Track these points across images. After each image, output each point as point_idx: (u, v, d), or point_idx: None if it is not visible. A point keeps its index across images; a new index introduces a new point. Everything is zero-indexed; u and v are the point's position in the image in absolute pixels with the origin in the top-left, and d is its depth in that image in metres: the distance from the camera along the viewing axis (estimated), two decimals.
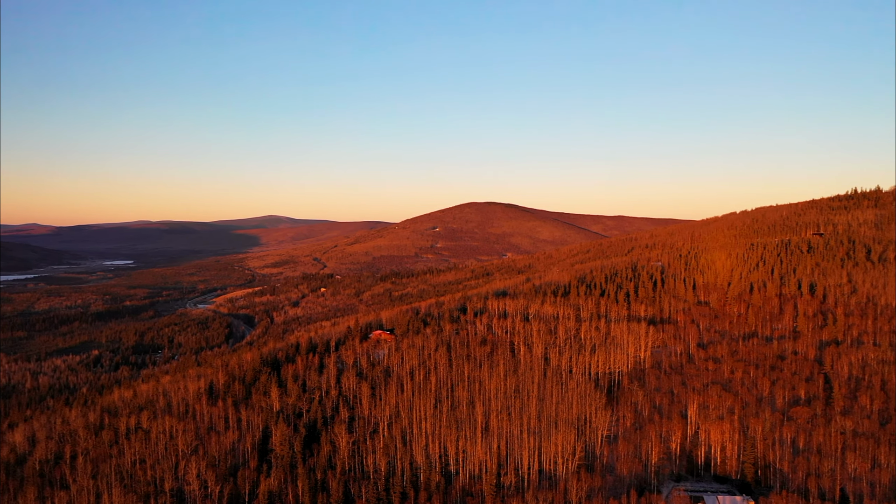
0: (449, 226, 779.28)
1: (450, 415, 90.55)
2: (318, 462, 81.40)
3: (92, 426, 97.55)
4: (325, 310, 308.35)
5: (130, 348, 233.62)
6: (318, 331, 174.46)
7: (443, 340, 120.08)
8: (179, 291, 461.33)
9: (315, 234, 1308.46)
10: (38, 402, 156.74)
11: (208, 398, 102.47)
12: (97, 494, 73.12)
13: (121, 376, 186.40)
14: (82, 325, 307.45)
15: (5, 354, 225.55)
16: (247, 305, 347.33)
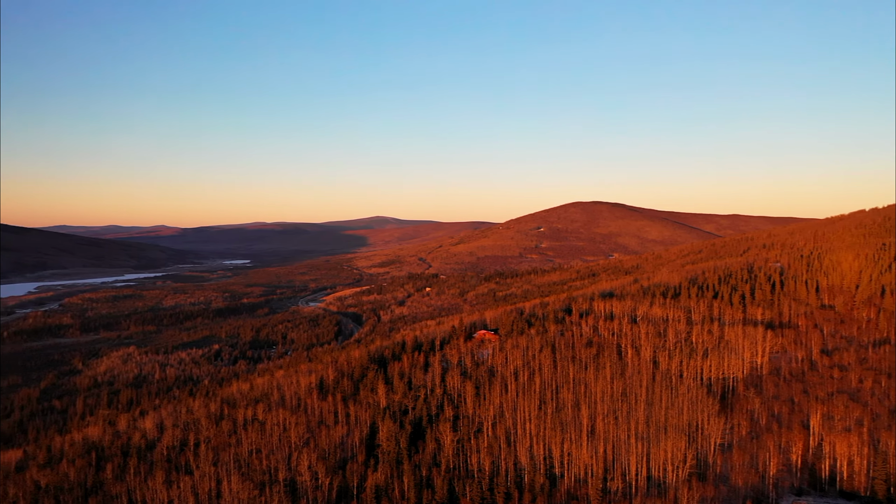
0: (553, 226, 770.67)
1: (554, 416, 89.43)
2: (423, 459, 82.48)
3: (213, 416, 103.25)
4: (429, 309, 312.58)
5: (247, 343, 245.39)
6: (423, 329, 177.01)
7: (547, 341, 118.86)
8: (292, 290, 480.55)
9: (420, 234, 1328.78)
10: (166, 392, 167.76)
11: (319, 393, 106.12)
12: (217, 481, 77.30)
13: (238, 370, 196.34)
14: (204, 320, 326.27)
15: (137, 347, 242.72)
16: (355, 304, 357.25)
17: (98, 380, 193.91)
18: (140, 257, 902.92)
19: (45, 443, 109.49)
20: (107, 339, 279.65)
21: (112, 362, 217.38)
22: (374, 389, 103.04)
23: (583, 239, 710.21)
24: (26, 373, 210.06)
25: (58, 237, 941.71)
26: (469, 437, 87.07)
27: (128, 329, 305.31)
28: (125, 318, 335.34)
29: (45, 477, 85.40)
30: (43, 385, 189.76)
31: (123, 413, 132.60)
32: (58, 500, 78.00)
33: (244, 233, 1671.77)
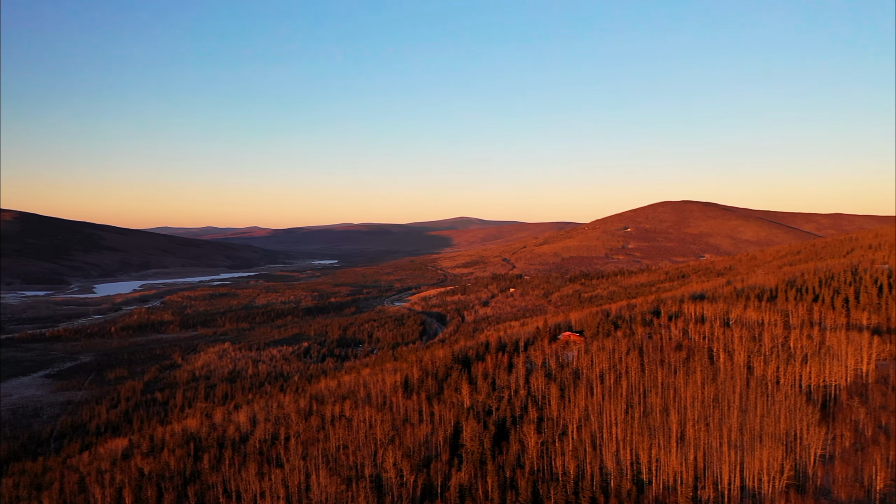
0: (641, 226, 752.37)
1: (642, 421, 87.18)
2: (506, 460, 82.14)
3: (302, 411, 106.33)
4: (513, 310, 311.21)
5: (335, 341, 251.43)
6: (507, 330, 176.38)
7: (634, 344, 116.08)
8: (378, 289, 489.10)
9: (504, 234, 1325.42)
10: (258, 387, 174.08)
11: (404, 391, 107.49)
12: (307, 474, 79.53)
13: (326, 367, 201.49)
14: (294, 319, 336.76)
15: (231, 343, 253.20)
16: (439, 304, 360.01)
17: (196, 374, 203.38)
18: (234, 257, 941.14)
19: (148, 432, 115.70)
20: (204, 336, 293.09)
21: (209, 357, 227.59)
22: (458, 389, 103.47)
23: (672, 239, 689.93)
24: (131, 366, 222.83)
25: (160, 238, 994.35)
26: (553, 440, 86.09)
27: (223, 326, 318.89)
28: (221, 315, 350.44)
29: (148, 465, 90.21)
30: (146, 378, 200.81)
31: (219, 406, 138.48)
32: (160, 487, 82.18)
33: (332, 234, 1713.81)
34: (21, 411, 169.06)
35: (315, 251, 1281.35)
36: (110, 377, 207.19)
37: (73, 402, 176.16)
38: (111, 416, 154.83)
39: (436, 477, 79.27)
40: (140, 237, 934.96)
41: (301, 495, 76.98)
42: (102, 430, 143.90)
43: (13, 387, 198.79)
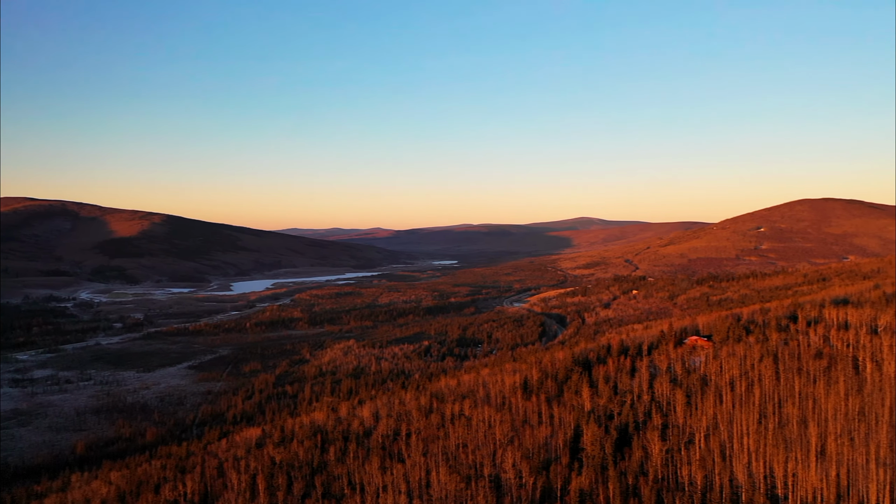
0: (776, 225, 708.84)
1: (776, 432, 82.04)
2: (629, 466, 79.81)
3: (423, 409, 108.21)
4: (636, 312, 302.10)
5: (455, 341, 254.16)
6: (630, 333, 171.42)
7: (768, 350, 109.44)
8: (497, 290, 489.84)
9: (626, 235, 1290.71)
10: (381, 383, 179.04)
11: (523, 392, 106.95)
12: (427, 471, 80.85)
13: (446, 366, 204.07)
14: (415, 318, 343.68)
15: (356, 341, 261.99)
16: (559, 305, 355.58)
17: (322, 369, 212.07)
18: (358, 257, 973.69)
19: (280, 423, 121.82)
20: (330, 333, 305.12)
21: (334, 354, 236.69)
22: (578, 392, 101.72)
23: (811, 240, 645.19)
24: (264, 360, 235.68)
25: (290, 239, 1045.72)
26: (679, 448, 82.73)
27: (348, 324, 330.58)
28: (346, 313, 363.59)
29: (279, 454, 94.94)
30: (277, 372, 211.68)
31: (344, 401, 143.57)
32: (289, 475, 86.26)
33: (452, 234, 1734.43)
34: (168, 399, 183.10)
35: (435, 252, 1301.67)
36: (245, 370, 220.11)
37: (213, 393, 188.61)
38: (246, 407, 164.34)
39: (555, 480, 78.26)
40: (272, 238, 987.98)
41: (422, 491, 78.35)
42: (238, 419, 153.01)
43: (161, 376, 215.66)
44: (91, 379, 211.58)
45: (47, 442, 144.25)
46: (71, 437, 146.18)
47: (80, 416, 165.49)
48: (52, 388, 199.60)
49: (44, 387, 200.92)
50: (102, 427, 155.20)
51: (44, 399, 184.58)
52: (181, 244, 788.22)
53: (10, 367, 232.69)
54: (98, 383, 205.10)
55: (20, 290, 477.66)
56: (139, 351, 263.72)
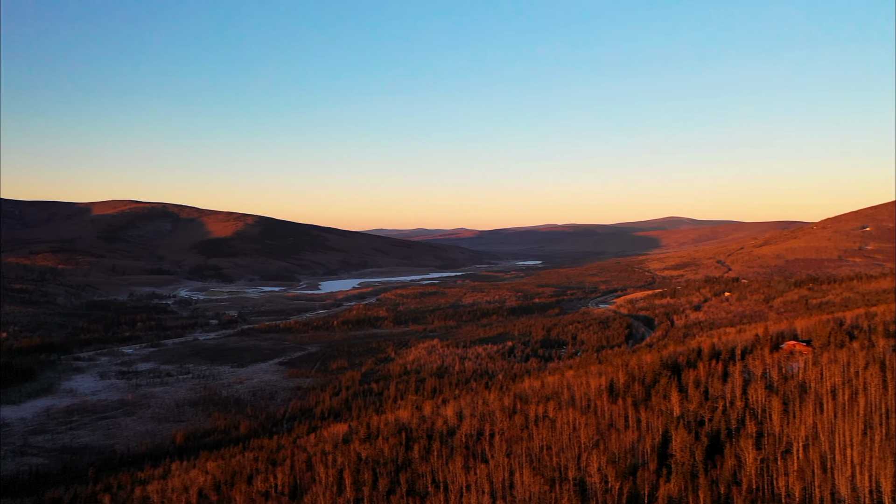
0: (883, 224, 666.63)
1: (884, 445, 77.11)
2: (720, 475, 76.91)
3: (506, 409, 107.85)
4: (729, 315, 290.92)
5: (539, 342, 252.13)
6: (722, 337, 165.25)
7: (875, 357, 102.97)
8: (582, 291, 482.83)
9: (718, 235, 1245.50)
10: (465, 383, 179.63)
11: (608, 395, 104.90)
12: (510, 472, 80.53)
13: (530, 367, 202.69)
14: (499, 318, 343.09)
15: (440, 340, 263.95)
16: (646, 307, 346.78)
17: (407, 368, 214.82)
18: (443, 257, 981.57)
19: (365, 420, 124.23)
20: (414, 332, 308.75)
21: (419, 353, 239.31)
22: (666, 396, 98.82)
23: None
24: (351, 357, 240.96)
25: (376, 239, 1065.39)
26: (775, 458, 79.04)
27: (432, 323, 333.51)
28: (430, 313, 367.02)
29: (365, 450, 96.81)
30: (363, 369, 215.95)
31: (428, 399, 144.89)
32: (375, 471, 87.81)
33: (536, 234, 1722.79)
34: (259, 394, 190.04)
35: (519, 252, 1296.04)
36: (333, 367, 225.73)
37: (302, 388, 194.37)
38: (333, 403, 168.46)
39: (642, 486, 76.34)
40: (359, 238, 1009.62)
41: (505, 492, 78.09)
42: (326, 415, 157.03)
43: (254, 371, 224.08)
44: (189, 373, 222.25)
45: (150, 431, 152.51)
46: (171, 427, 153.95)
47: (180, 408, 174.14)
48: (155, 380, 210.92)
49: (147, 379, 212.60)
50: (199, 419, 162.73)
51: (147, 391, 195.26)
52: (273, 244, 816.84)
53: (116, 361, 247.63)
54: (196, 377, 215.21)
55: (126, 288, 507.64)
56: (233, 347, 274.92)
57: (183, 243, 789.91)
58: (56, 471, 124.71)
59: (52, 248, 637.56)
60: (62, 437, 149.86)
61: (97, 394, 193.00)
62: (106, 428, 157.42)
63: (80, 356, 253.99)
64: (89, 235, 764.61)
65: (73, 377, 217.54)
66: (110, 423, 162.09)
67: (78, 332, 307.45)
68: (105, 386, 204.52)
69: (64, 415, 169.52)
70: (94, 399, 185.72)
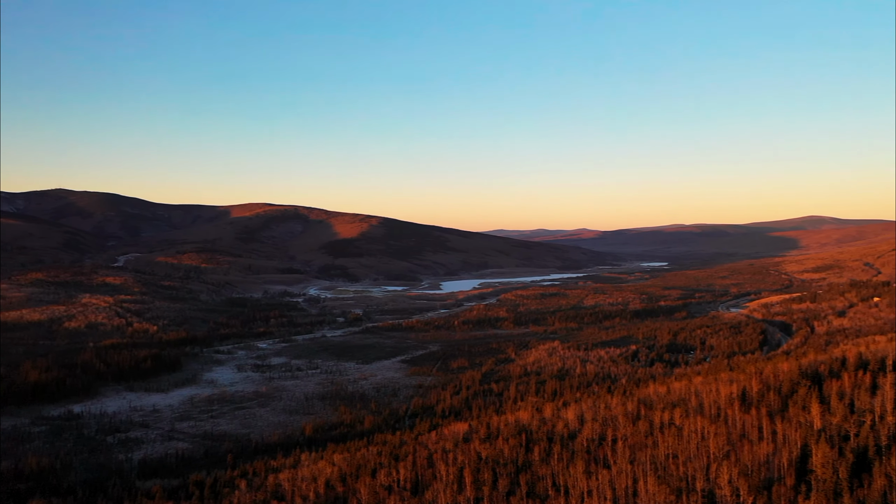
0: None
1: None
2: (868, 495, 71.01)
3: (630, 415, 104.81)
4: (878, 322, 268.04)
5: (664, 346, 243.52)
6: (870, 346, 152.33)
7: None
8: (711, 294, 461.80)
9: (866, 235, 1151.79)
10: (586, 386, 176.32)
11: (740, 404, 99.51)
12: (633, 479, 78.18)
13: (655, 372, 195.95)
14: (622, 321, 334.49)
15: (560, 342, 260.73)
16: (783, 312, 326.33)
17: (527, 369, 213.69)
18: (563, 258, 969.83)
19: (485, 420, 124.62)
20: (535, 333, 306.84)
21: (539, 354, 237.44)
22: (805, 408, 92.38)
23: None
24: (471, 357, 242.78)
25: (496, 240, 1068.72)
26: None
27: (552, 325, 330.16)
28: (550, 314, 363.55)
29: (484, 450, 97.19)
30: (484, 369, 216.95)
31: (548, 402, 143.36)
32: (495, 471, 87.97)
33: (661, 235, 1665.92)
34: (383, 390, 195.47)
35: (643, 253, 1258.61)
36: (453, 366, 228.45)
37: (423, 386, 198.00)
38: (454, 402, 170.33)
39: (778, 501, 71.85)
40: (479, 239, 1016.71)
41: (628, 499, 75.93)
42: (446, 413, 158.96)
43: (377, 368, 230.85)
44: (318, 368, 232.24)
45: (281, 422, 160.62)
46: (301, 419, 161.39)
47: (309, 401, 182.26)
48: (286, 374, 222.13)
49: (279, 373, 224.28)
50: (327, 412, 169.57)
51: (279, 384, 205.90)
52: (396, 245, 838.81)
53: (252, 355, 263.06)
54: (323, 372, 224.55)
55: (261, 286, 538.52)
56: (358, 344, 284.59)
57: (312, 244, 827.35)
58: (199, 455, 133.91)
59: (196, 248, 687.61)
60: (204, 425, 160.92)
61: (235, 385, 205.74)
62: (242, 417, 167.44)
63: (220, 349, 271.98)
64: (228, 236, 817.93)
65: (214, 369, 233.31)
66: (246, 413, 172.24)
67: (218, 327, 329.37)
68: (242, 378, 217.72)
69: (206, 404, 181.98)
70: (232, 390, 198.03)
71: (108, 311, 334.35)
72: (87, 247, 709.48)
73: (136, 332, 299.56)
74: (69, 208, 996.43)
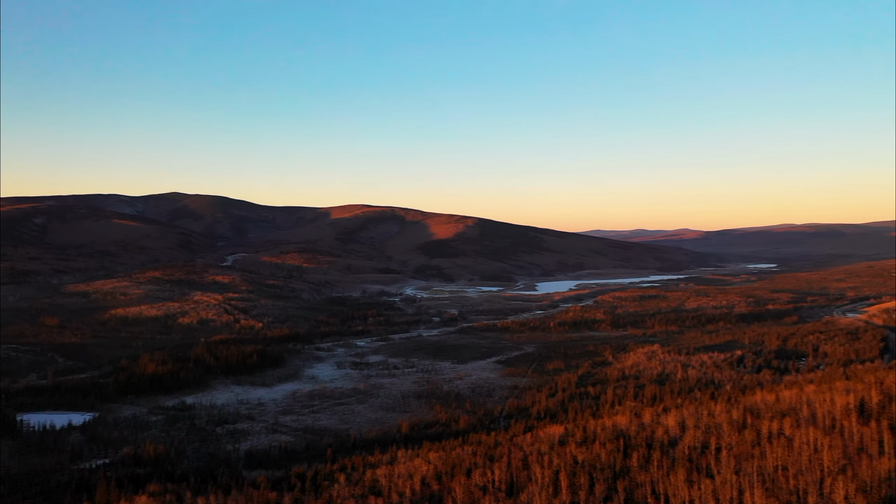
0: None
1: None
2: None
3: (735, 423, 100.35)
4: None
5: (772, 352, 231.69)
6: None
7: None
8: (825, 297, 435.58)
9: None
10: (687, 392, 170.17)
11: (858, 416, 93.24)
12: (739, 490, 74.70)
13: (762, 379, 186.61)
14: (726, 324, 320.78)
15: (660, 346, 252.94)
16: None
17: (625, 373, 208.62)
18: (663, 259, 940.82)
19: (581, 423, 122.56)
20: (633, 336, 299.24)
21: (638, 358, 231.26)
22: None
23: None
24: (567, 359, 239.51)
25: (593, 240, 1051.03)
26: None
27: (652, 328, 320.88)
28: (650, 317, 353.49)
29: (581, 454, 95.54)
30: (580, 372, 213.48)
31: (647, 407, 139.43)
32: (591, 476, 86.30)
33: (770, 235, 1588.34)
34: (478, 390, 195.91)
35: (750, 254, 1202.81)
36: (548, 368, 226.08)
37: (518, 388, 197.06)
38: (549, 404, 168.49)
39: None
40: (575, 240, 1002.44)
41: None
42: (541, 415, 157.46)
43: (472, 368, 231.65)
44: (413, 366, 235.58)
45: (378, 419, 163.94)
46: (397, 416, 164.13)
47: (405, 399, 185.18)
48: (383, 372, 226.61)
49: (376, 370, 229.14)
50: (422, 410, 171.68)
51: (376, 381, 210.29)
52: (490, 245, 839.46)
53: (350, 352, 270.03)
54: (419, 371, 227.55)
55: (359, 285, 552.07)
56: (453, 344, 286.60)
57: (408, 244, 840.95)
58: (300, 448, 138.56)
59: (298, 248, 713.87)
60: (305, 419, 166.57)
61: (334, 381, 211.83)
62: (341, 413, 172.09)
63: (321, 346, 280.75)
64: (328, 237, 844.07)
65: (315, 365, 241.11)
66: (345, 409, 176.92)
67: (318, 325, 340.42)
68: (341, 375, 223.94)
69: (307, 399, 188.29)
70: (332, 386, 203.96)
71: (218, 308, 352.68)
72: (199, 247, 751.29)
73: (242, 329, 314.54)
74: (183, 211, 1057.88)
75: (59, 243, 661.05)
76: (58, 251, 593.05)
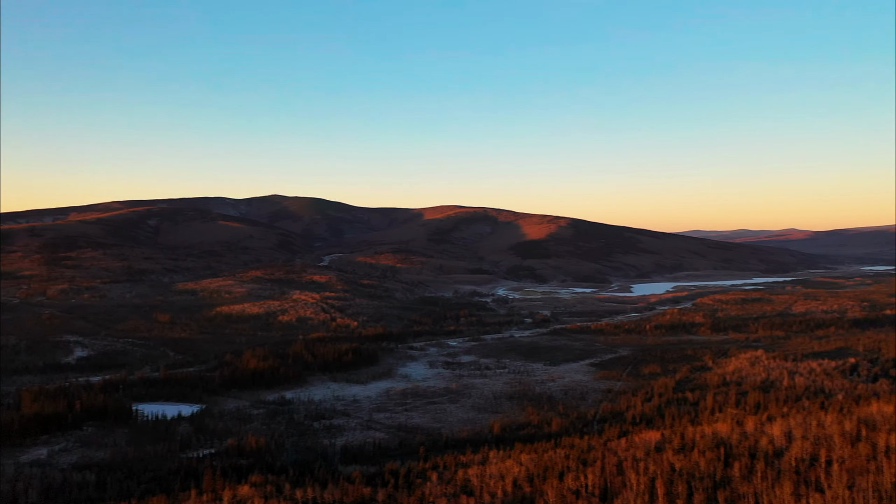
0: None
1: None
2: None
3: (847, 435, 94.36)
4: None
5: (891, 361, 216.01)
6: None
7: None
8: None
9: None
10: (794, 400, 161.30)
11: None
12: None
13: (879, 389, 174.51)
14: (837, 330, 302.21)
15: (764, 351, 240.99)
16: None
17: (726, 379, 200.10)
18: (768, 261, 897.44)
19: (679, 430, 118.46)
20: (734, 341, 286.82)
21: (740, 363, 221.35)
22: None
23: None
24: (663, 363, 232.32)
25: (692, 241, 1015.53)
26: None
27: (755, 332, 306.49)
28: (753, 321, 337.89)
29: (678, 461, 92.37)
30: (677, 377, 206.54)
31: (750, 415, 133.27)
32: (689, 484, 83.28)
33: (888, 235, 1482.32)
34: (571, 393, 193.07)
35: (865, 255, 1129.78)
36: (644, 372, 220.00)
37: (612, 391, 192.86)
38: (645, 409, 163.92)
39: None
40: (673, 240, 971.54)
41: None
42: (637, 420, 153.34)
43: (565, 370, 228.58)
44: (505, 367, 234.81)
45: (470, 419, 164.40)
46: (488, 417, 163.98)
47: (496, 400, 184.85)
48: (475, 372, 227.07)
49: (468, 370, 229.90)
50: (514, 412, 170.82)
51: (468, 381, 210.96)
52: (584, 246, 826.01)
53: (443, 352, 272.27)
54: (511, 372, 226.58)
55: (451, 286, 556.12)
56: (546, 345, 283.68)
57: (500, 245, 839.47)
58: (393, 445, 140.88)
59: (391, 248, 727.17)
60: (398, 417, 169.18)
61: (427, 380, 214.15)
62: (433, 412, 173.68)
63: (413, 346, 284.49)
64: (421, 238, 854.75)
65: (407, 364, 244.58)
66: (437, 407, 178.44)
67: (411, 324, 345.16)
68: (433, 374, 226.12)
69: (400, 397, 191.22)
70: (424, 385, 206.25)
71: (315, 307, 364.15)
72: (297, 247, 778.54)
73: (338, 327, 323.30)
74: (282, 212, 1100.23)
75: (170, 244, 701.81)
76: (169, 251, 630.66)
